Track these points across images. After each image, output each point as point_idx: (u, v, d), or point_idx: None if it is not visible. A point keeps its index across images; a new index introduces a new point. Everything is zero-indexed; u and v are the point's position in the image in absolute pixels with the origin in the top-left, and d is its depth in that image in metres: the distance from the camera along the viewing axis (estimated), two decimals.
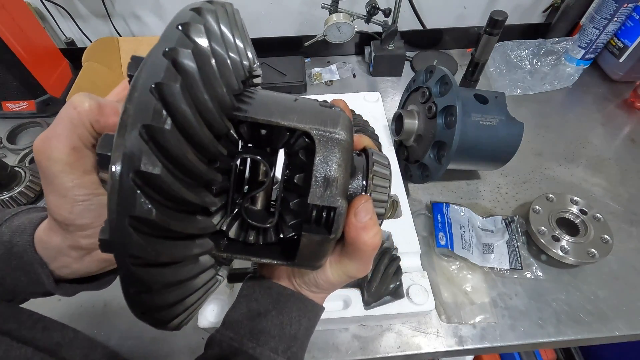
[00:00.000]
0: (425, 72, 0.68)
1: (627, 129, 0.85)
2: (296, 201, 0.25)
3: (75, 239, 0.26)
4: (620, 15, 0.84)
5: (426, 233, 0.67)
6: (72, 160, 0.23)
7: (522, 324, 0.56)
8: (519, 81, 0.93)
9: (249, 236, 0.26)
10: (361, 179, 0.27)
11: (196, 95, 0.18)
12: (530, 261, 0.63)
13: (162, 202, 0.18)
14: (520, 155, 0.64)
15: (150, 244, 0.18)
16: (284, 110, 0.23)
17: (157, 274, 0.19)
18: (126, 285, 0.19)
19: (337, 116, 0.24)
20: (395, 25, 0.91)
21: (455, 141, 0.57)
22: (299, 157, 0.25)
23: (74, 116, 0.23)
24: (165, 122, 0.17)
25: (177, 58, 0.18)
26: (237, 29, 0.23)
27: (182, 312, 0.23)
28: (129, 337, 0.57)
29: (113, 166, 0.16)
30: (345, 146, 0.23)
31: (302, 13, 1.02)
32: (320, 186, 0.23)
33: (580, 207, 0.66)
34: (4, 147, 0.85)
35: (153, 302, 0.20)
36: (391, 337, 0.56)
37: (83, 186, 0.24)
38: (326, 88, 0.98)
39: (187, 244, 0.21)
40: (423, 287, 0.51)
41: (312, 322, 0.33)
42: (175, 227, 0.19)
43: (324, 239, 0.24)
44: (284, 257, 0.26)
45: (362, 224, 0.25)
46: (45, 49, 0.89)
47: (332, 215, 0.24)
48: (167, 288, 0.21)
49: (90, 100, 0.24)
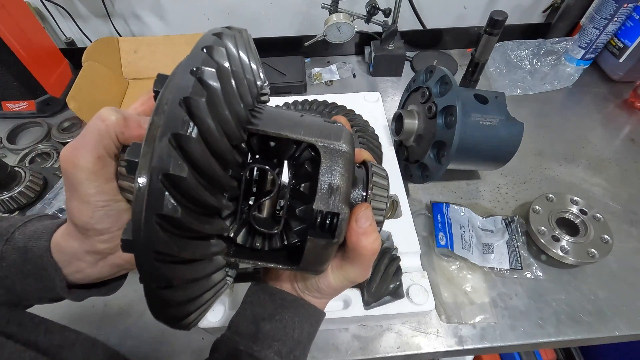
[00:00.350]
0: (425, 72, 0.68)
1: (627, 129, 0.85)
2: (302, 208, 0.27)
3: (92, 243, 0.27)
4: (620, 15, 0.84)
5: (426, 233, 0.67)
6: (97, 169, 0.25)
7: (522, 324, 0.56)
8: (519, 81, 0.93)
9: (256, 242, 0.28)
10: (362, 189, 0.29)
11: (218, 108, 0.21)
12: (530, 261, 0.63)
13: (185, 204, 0.19)
14: (520, 155, 0.64)
15: (174, 241, 0.19)
16: (292, 124, 0.26)
17: (178, 270, 0.21)
18: (148, 280, 0.20)
19: (340, 131, 0.27)
20: (395, 25, 0.91)
21: (455, 141, 0.57)
22: (305, 168, 0.27)
23: (102, 128, 0.25)
24: (192, 131, 0.19)
25: (203, 76, 0.20)
26: (252, 52, 0.26)
27: (194, 310, 0.25)
28: (129, 337, 0.57)
29: (141, 171, 0.18)
30: (348, 157, 0.26)
31: (302, 13, 1.02)
32: (325, 193, 0.25)
33: (580, 207, 0.66)
34: (4, 147, 0.85)
35: (171, 298, 0.22)
36: (391, 337, 0.56)
37: (104, 193, 0.26)
38: (326, 88, 0.98)
39: (205, 244, 0.22)
40: (423, 287, 0.51)
41: (314, 327, 0.34)
42: (197, 227, 0.20)
43: (328, 243, 0.26)
44: (289, 262, 0.28)
45: (363, 230, 0.27)
46: (45, 49, 0.89)
47: (335, 220, 0.26)
48: (185, 285, 0.22)
49: (116, 113, 0.26)
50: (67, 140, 0.84)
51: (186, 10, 1.00)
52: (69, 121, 0.88)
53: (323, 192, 0.25)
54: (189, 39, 0.94)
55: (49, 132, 0.86)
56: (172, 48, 0.95)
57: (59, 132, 0.85)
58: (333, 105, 0.72)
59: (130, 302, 0.60)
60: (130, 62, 0.96)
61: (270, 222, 0.28)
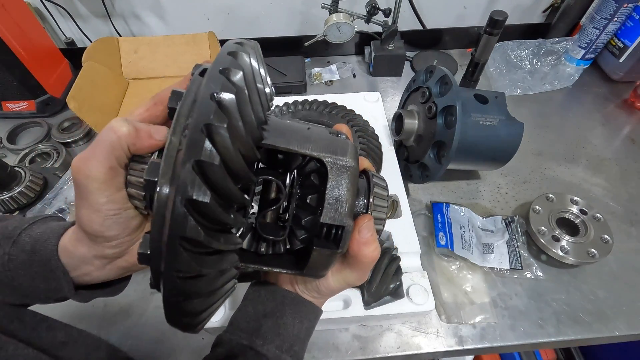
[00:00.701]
0: (425, 72, 0.68)
1: (627, 129, 0.85)
2: (308, 218, 0.29)
3: (101, 249, 0.28)
4: (620, 15, 0.84)
5: (426, 233, 0.67)
6: (108, 179, 0.25)
7: (522, 324, 0.56)
8: (519, 81, 0.93)
9: (260, 247, 0.30)
10: (363, 198, 0.30)
11: (237, 134, 0.21)
12: (530, 261, 0.63)
13: (205, 225, 0.20)
14: (520, 155, 0.64)
15: (195, 261, 0.20)
16: (301, 139, 0.27)
17: (196, 285, 0.22)
18: (169, 295, 0.22)
19: (346, 145, 0.28)
20: (395, 25, 0.91)
21: (455, 141, 0.57)
22: (311, 179, 0.28)
23: (113, 140, 0.25)
24: (215, 159, 0.20)
25: (222, 101, 0.20)
26: (262, 64, 0.26)
27: (207, 316, 0.26)
28: (129, 337, 0.57)
29: (163, 190, 0.20)
30: (353, 172, 0.27)
31: (302, 13, 1.02)
32: (332, 208, 0.26)
33: (580, 207, 0.66)
34: (4, 147, 0.85)
35: (189, 309, 0.23)
36: (391, 337, 0.56)
37: (114, 201, 0.26)
38: (326, 88, 0.98)
39: (220, 258, 0.23)
40: (423, 287, 0.52)
41: (312, 324, 0.36)
42: (216, 245, 0.21)
43: (332, 253, 0.28)
44: (293, 267, 0.30)
45: (365, 240, 0.29)
46: (45, 49, 0.89)
47: (340, 232, 0.27)
48: (201, 297, 0.23)
49: (128, 125, 0.26)
50: (67, 140, 0.84)
51: (186, 10, 1.00)
52: (69, 121, 0.88)
53: (330, 206, 0.26)
54: (189, 39, 0.94)
55: (49, 132, 0.86)
56: (172, 48, 0.95)
57: (59, 132, 0.85)
58: (333, 105, 0.72)
59: (131, 302, 0.60)
60: (130, 62, 0.96)
61: (275, 229, 0.29)
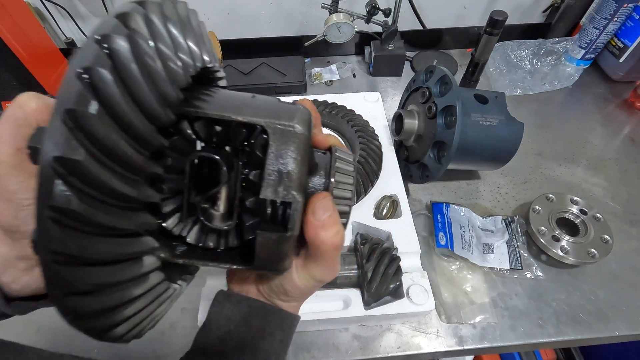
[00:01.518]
0: (425, 72, 0.68)
1: (627, 129, 0.85)
2: (252, 199, 0.24)
3: (22, 247, 0.24)
4: (620, 15, 0.84)
5: (426, 233, 0.67)
6: (17, 162, 0.22)
7: (522, 324, 0.56)
8: (519, 81, 0.93)
9: (209, 241, 0.25)
10: (323, 176, 0.26)
11: (131, 82, 0.17)
12: (530, 261, 0.63)
13: (90, 194, 0.17)
14: (520, 155, 0.64)
15: (72, 238, 0.16)
16: (239, 105, 0.22)
17: (83, 274, 0.18)
18: (49, 286, 0.18)
19: (295, 110, 0.23)
20: (395, 25, 0.91)
21: (455, 141, 0.57)
22: (256, 154, 0.23)
23: (19, 116, 0.22)
24: (91, 106, 0.16)
25: (110, 44, 0.17)
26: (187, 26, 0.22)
27: (123, 320, 0.21)
28: None
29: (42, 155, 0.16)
30: (302, 139, 0.22)
31: (302, 13, 1.02)
32: (273, 180, 0.22)
33: (580, 207, 0.66)
34: None
35: (83, 306, 0.19)
36: (391, 337, 0.56)
37: (28, 189, 0.22)
38: (326, 88, 0.98)
39: (122, 242, 0.19)
40: (423, 287, 0.52)
41: (287, 334, 0.31)
42: (103, 220, 0.17)
43: (281, 237, 0.23)
44: (243, 262, 0.25)
45: (321, 222, 0.24)
46: (45, 49, 0.89)
47: (287, 211, 0.23)
48: (98, 291, 0.19)
49: (37, 99, 0.22)
50: None
51: None
52: None
53: (271, 178, 0.22)
54: None
55: None
56: None
57: None
58: (333, 105, 0.72)
59: None
60: None
61: (223, 217, 0.24)
